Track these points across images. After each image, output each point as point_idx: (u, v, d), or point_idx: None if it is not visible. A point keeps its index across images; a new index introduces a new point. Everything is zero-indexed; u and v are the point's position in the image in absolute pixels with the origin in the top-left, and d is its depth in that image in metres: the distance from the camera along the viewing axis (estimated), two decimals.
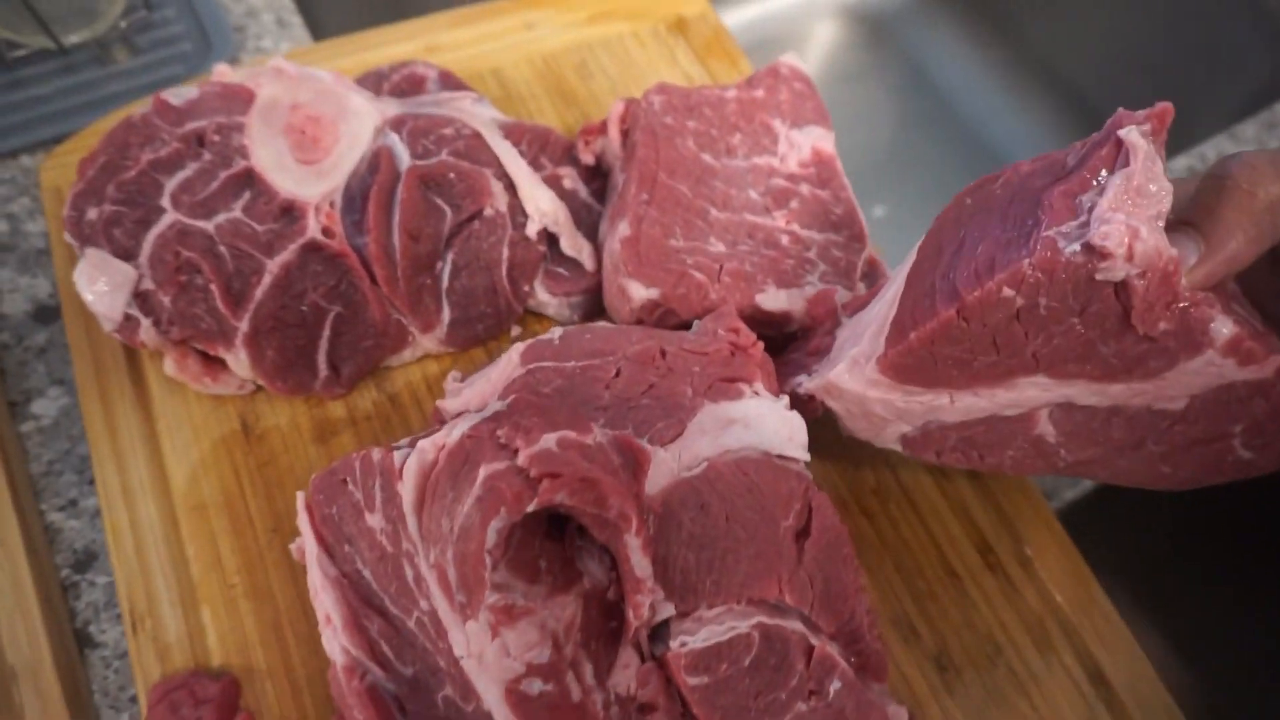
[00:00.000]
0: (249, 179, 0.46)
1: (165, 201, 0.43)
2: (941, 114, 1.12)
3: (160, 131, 0.47)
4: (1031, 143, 1.06)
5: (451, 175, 0.47)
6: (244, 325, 0.43)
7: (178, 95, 0.49)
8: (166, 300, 0.43)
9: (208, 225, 0.43)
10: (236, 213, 0.43)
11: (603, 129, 0.54)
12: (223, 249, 0.42)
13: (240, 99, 0.47)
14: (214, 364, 0.49)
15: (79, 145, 0.58)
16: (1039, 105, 1.08)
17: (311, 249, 0.44)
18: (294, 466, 0.49)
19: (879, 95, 1.15)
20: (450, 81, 0.57)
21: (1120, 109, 0.34)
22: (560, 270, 0.53)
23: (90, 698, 0.45)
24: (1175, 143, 0.74)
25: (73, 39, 0.61)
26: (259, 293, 0.43)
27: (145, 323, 0.45)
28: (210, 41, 0.65)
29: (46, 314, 0.55)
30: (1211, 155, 0.70)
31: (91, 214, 0.43)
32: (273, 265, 0.43)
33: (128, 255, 0.42)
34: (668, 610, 0.39)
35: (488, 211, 0.49)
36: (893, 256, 0.55)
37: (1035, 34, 1.08)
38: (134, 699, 0.45)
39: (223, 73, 0.51)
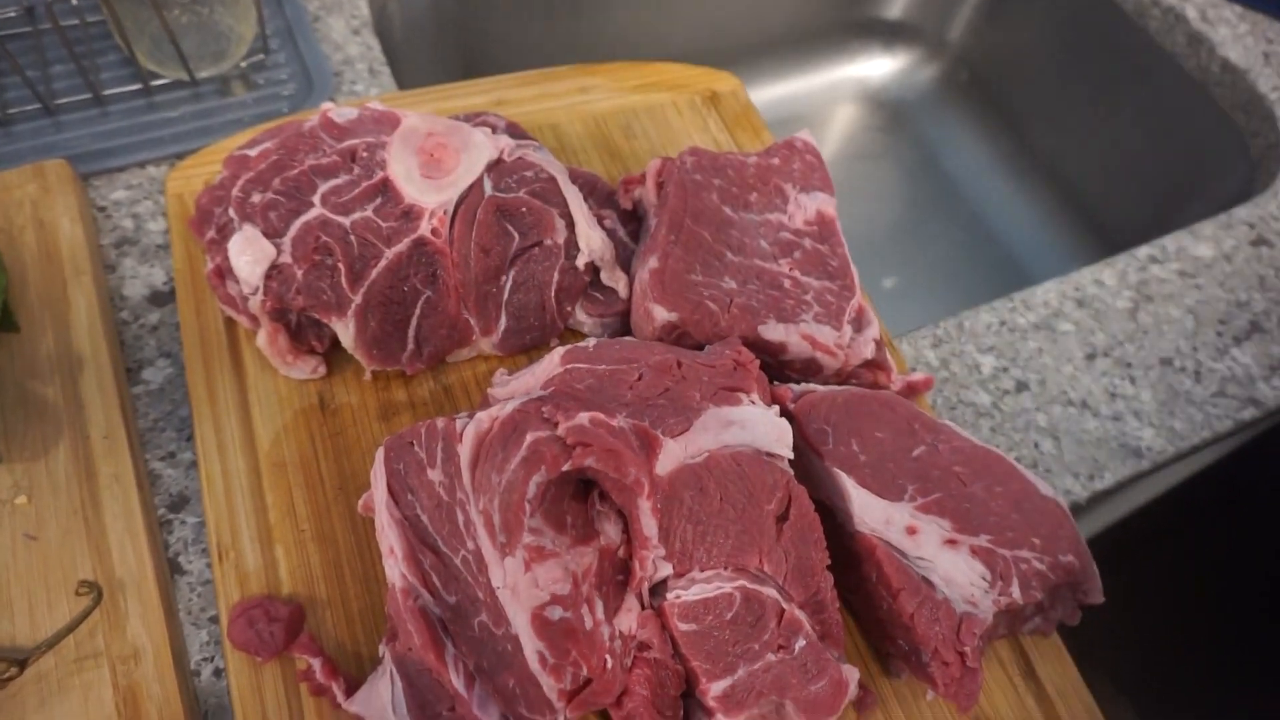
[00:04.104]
0: (384, 187, 0.56)
1: (316, 199, 0.54)
2: (948, 198, 1.22)
3: (323, 143, 0.58)
4: (1029, 230, 1.16)
5: (524, 209, 0.58)
6: (358, 298, 0.53)
7: (340, 115, 0.60)
8: (300, 273, 0.53)
9: (345, 220, 0.53)
10: (369, 212, 0.54)
11: (641, 180, 0.65)
12: (353, 238, 0.53)
13: (388, 123, 0.58)
14: (298, 347, 0.59)
15: (198, 161, 0.69)
16: (1038, 195, 1.18)
17: (420, 243, 0.55)
18: (360, 438, 0.58)
19: (892, 175, 1.25)
20: (516, 131, 0.67)
21: None
22: (598, 296, 0.62)
23: (177, 614, 0.54)
24: (1140, 232, 0.84)
25: (203, 74, 0.73)
26: (374, 273, 0.53)
27: (259, 297, 0.54)
28: (313, 83, 0.76)
29: (160, 298, 0.65)
30: (1171, 248, 0.79)
31: (255, 198, 0.54)
32: (389, 253, 0.53)
33: (276, 234, 0.53)
34: (666, 570, 0.48)
35: (547, 242, 0.59)
36: (898, 326, 0.64)
37: (1039, 132, 1.19)
38: (213, 619, 0.54)
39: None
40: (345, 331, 0.56)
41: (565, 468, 0.44)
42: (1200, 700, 0.93)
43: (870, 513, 0.51)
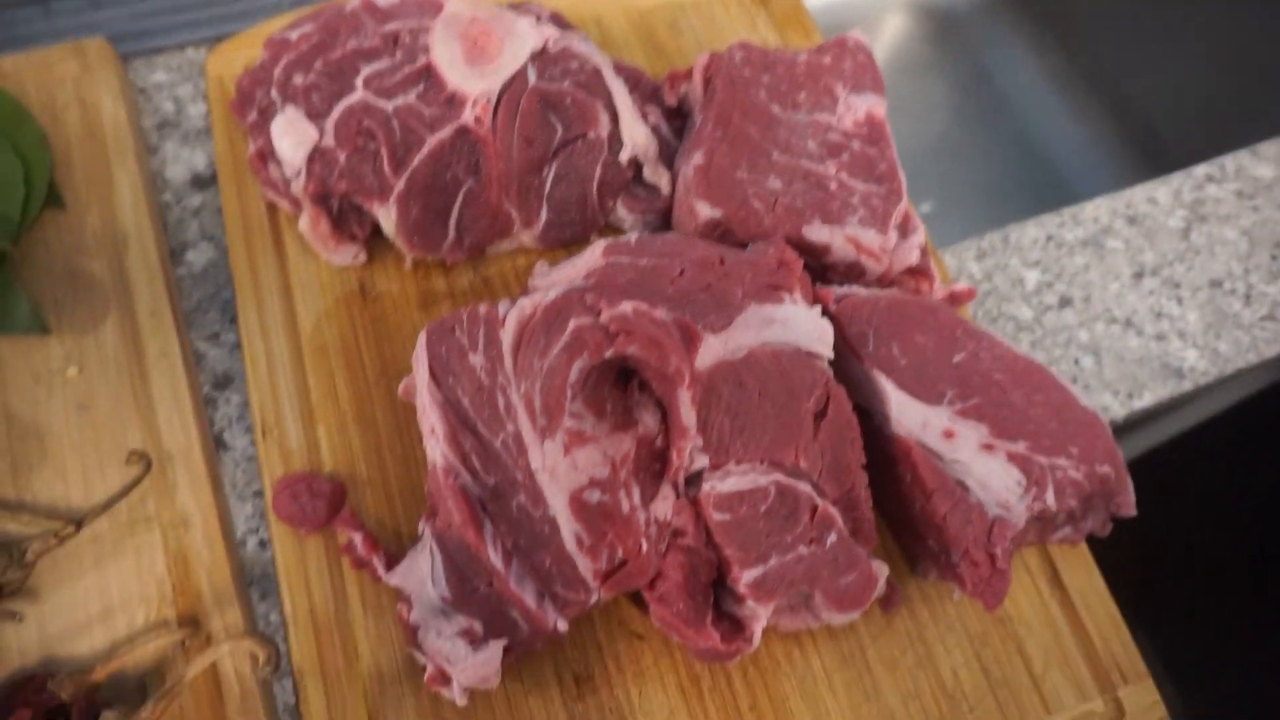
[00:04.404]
0: (426, 73, 0.56)
1: (358, 82, 0.53)
2: (997, 115, 1.18)
3: (365, 26, 0.57)
4: (1081, 150, 1.13)
5: (568, 100, 0.57)
6: (400, 185, 0.53)
7: None
8: (342, 157, 0.52)
9: (388, 105, 0.53)
10: (411, 98, 0.54)
11: (688, 75, 0.63)
12: (395, 124, 0.53)
13: (431, 7, 0.57)
14: (339, 233, 0.59)
15: (238, 44, 0.67)
16: (1094, 114, 1.14)
17: (463, 131, 0.54)
18: (401, 326, 0.58)
19: (938, 89, 1.21)
20: (560, 22, 0.66)
21: None
22: (640, 192, 0.62)
23: (222, 486, 0.55)
24: (1199, 152, 0.81)
25: None
26: (416, 160, 0.53)
27: (301, 180, 0.54)
28: None
29: (202, 181, 0.65)
30: (1230, 167, 0.77)
31: (298, 79, 0.53)
32: (431, 140, 0.53)
33: (319, 116, 0.52)
34: (703, 461, 0.48)
35: (591, 135, 0.58)
36: (941, 242, 0.62)
37: (1096, 46, 1.14)
38: (258, 493, 0.55)
39: None
40: (387, 217, 0.55)
41: (607, 354, 0.45)
42: (1217, 630, 0.94)
43: (908, 415, 0.51)
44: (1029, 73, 1.18)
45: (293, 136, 0.52)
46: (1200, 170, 0.76)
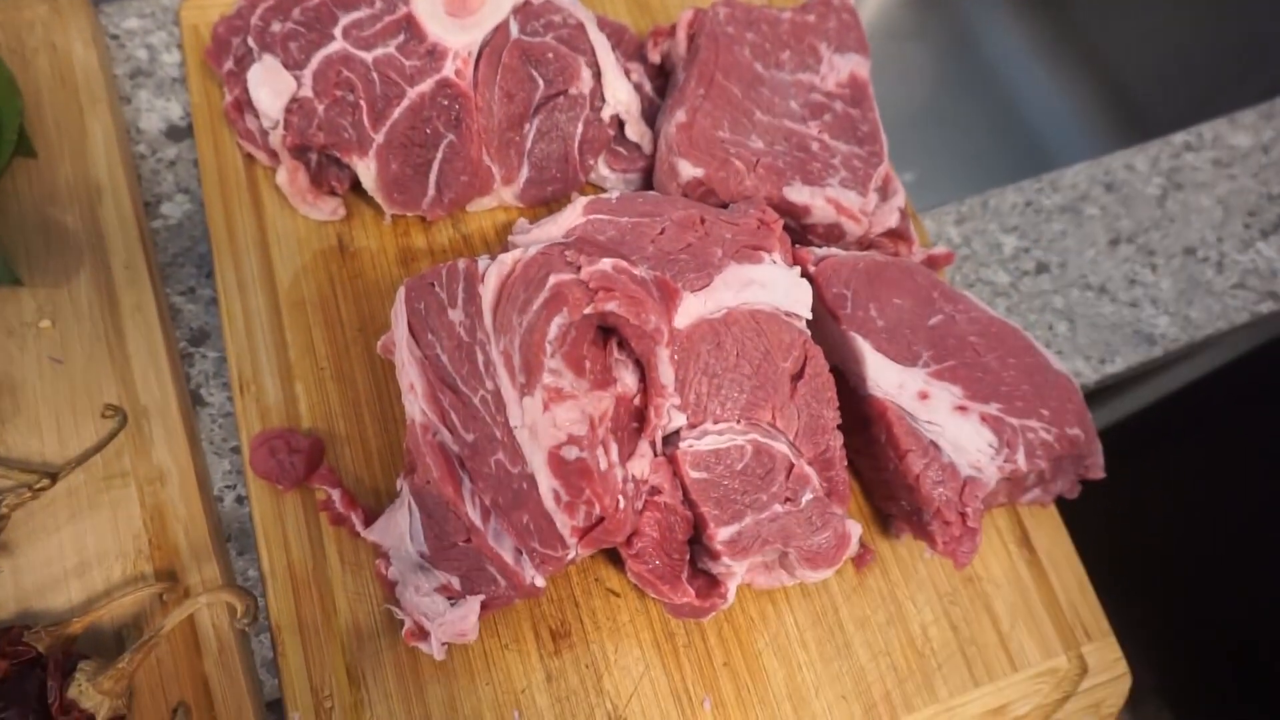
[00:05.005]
0: (407, 23, 0.55)
1: (337, 31, 0.52)
2: (981, 83, 1.17)
3: None
4: (1062, 118, 1.13)
5: (550, 55, 0.56)
6: (379, 138, 0.52)
7: None
8: (321, 108, 0.52)
9: (367, 56, 0.52)
10: (391, 49, 0.53)
11: (672, 32, 0.62)
12: (375, 75, 0.52)
13: None
14: (318, 187, 0.58)
15: None
16: (1074, 81, 1.14)
17: (444, 85, 0.53)
18: (380, 282, 0.58)
19: (923, 56, 1.20)
20: None
21: None
22: (621, 150, 0.61)
23: (199, 442, 0.55)
24: (1178, 119, 0.82)
25: None
26: (396, 113, 0.52)
27: (279, 131, 0.54)
28: None
29: (177, 133, 0.64)
30: (1208, 135, 0.77)
31: (275, 27, 0.52)
32: (412, 93, 0.52)
33: (297, 66, 0.51)
34: (680, 420, 0.49)
35: (573, 91, 0.57)
36: (921, 206, 0.62)
37: (1079, 14, 1.14)
38: (235, 449, 0.55)
39: None
40: (366, 172, 0.55)
41: (587, 311, 0.45)
42: (1181, 593, 0.96)
43: (884, 376, 0.52)
44: (1012, 39, 1.18)
45: (270, 86, 0.51)
46: (1179, 138, 0.77)
